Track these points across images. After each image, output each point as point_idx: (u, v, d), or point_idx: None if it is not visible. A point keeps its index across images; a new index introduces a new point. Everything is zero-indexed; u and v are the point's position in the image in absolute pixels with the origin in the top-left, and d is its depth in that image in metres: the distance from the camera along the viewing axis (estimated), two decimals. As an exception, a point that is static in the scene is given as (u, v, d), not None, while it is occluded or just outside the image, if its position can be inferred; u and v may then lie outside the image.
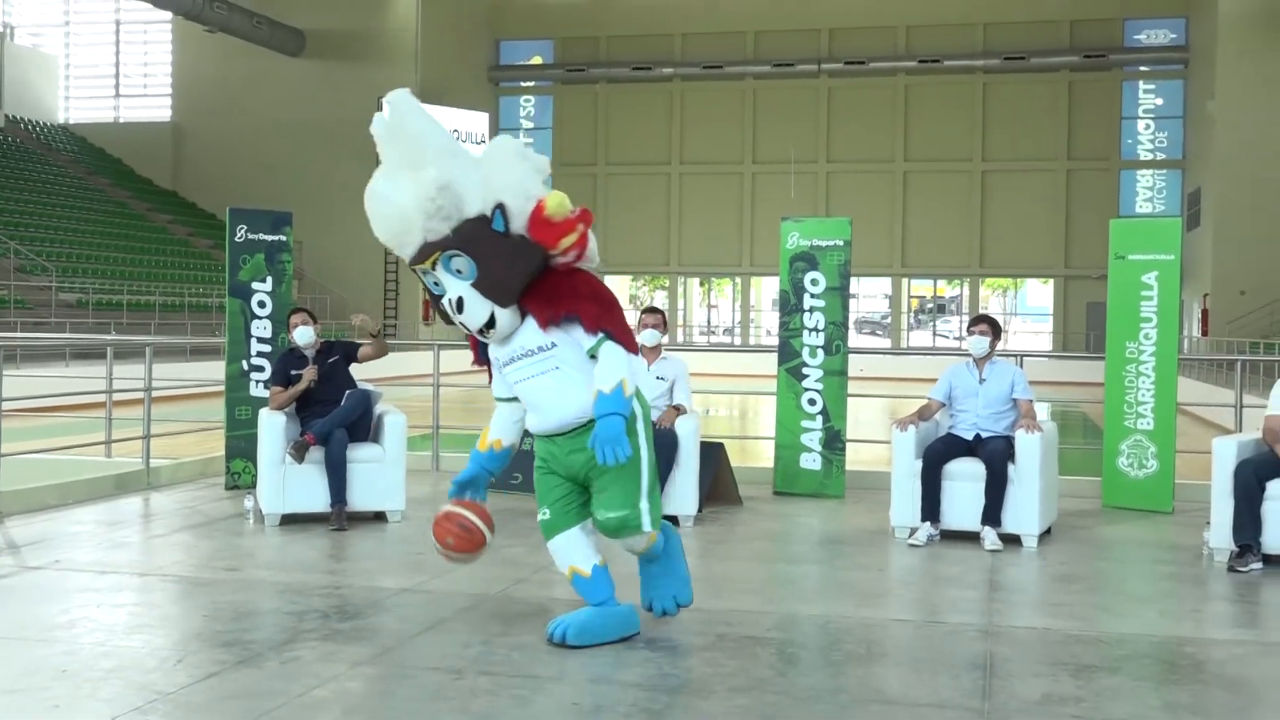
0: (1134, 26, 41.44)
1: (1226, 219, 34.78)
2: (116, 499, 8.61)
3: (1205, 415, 20.81)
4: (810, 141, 43.53)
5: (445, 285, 4.90)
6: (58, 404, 13.08)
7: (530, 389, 5.06)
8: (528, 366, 5.03)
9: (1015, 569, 6.70)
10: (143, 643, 4.97)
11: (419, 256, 4.88)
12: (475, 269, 4.84)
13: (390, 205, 4.87)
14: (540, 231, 4.88)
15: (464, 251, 4.83)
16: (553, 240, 4.90)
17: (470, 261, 4.84)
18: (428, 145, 4.83)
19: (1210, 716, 4.25)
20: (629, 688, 4.44)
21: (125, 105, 47.55)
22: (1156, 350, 8.62)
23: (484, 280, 4.87)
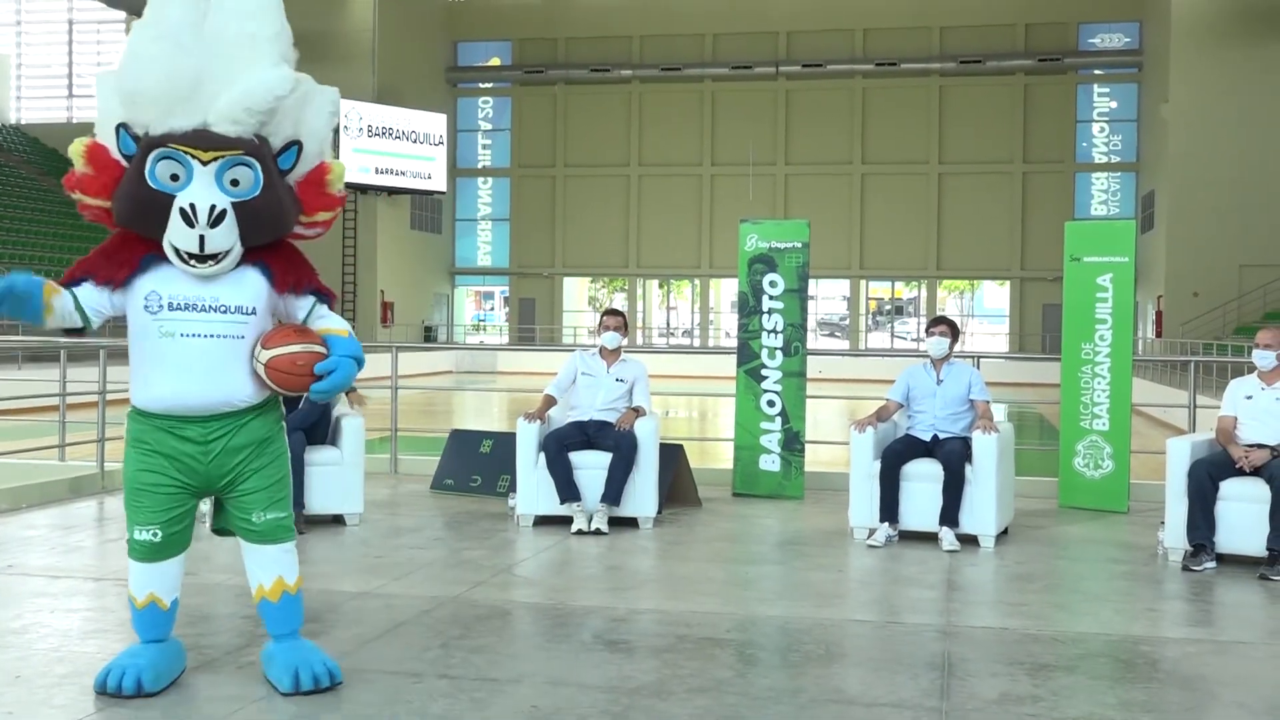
0: (1088, 30, 41.84)
1: (1180, 221, 35.17)
2: (70, 503, 8.52)
3: (1159, 416, 21.04)
4: (768, 143, 43.67)
5: (199, 188, 4.13)
6: (9, 407, 12.91)
7: (194, 348, 4.23)
8: (207, 322, 4.24)
9: (973, 569, 6.74)
10: (98, 648, 4.92)
11: (198, 140, 4.14)
12: (255, 190, 4.20)
13: (200, 63, 4.15)
14: (310, 193, 4.42)
15: (258, 166, 4.22)
16: (314, 207, 4.44)
17: (256, 180, 4.21)
18: (284, 35, 4.34)
19: (1165, 714, 4.29)
20: (588, 690, 4.44)
21: (79, 105, 47.03)
22: (1111, 352, 8.70)
23: (254, 206, 4.20)
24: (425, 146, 41.75)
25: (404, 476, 9.88)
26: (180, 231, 4.14)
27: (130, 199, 4.19)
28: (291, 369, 4.26)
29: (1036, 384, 24.42)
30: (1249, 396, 7.07)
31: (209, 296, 4.24)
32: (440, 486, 9.20)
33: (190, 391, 4.25)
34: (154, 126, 4.17)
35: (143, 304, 4.24)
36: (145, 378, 4.31)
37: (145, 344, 4.27)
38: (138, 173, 4.16)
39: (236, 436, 4.34)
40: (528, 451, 7.83)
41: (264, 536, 4.46)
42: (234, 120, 4.17)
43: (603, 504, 7.58)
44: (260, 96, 4.17)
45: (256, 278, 4.33)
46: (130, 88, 4.17)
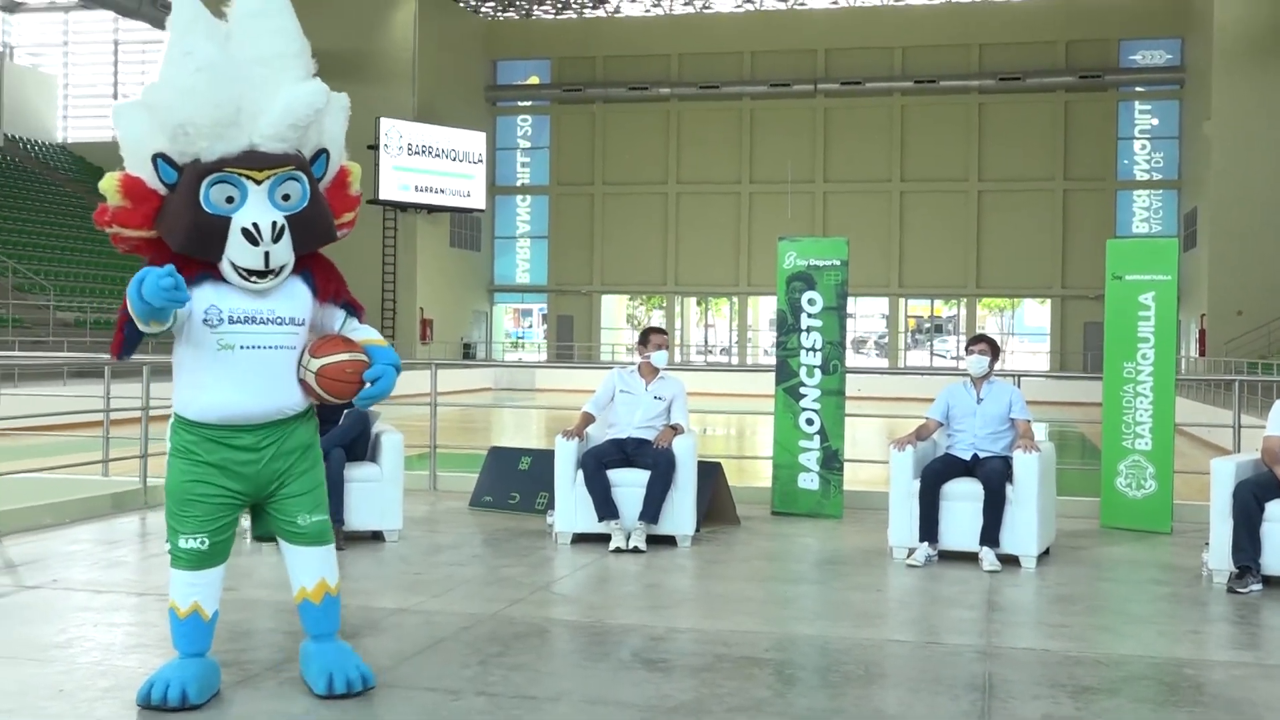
0: (1129, 47, 41.61)
1: (1223, 239, 34.86)
2: (113, 518, 8.59)
3: (1203, 436, 20.82)
4: (807, 161, 43.64)
5: (256, 207, 4.25)
6: (55, 423, 13.05)
7: (255, 360, 4.34)
8: (266, 334, 4.36)
9: (1014, 589, 6.69)
10: (139, 662, 4.95)
11: (250, 162, 4.26)
12: (303, 202, 4.34)
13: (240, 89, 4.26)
14: (336, 196, 4.56)
15: (305, 179, 4.34)
16: (340, 209, 4.58)
17: (305, 192, 4.35)
18: (306, 51, 4.42)
19: (1210, 738, 4.25)
20: (626, 708, 4.43)
21: (124, 124, 47.62)
22: (1154, 370, 8.62)
23: (304, 218, 4.34)
24: (465, 164, 41.98)
25: (443, 493, 9.90)
26: (243, 250, 4.24)
27: (188, 226, 4.26)
28: (341, 376, 4.39)
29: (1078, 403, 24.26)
30: (1295, 416, 6.99)
31: (265, 309, 4.36)
32: (479, 503, 9.22)
33: (248, 402, 4.36)
34: (205, 154, 4.26)
35: (202, 318, 4.32)
36: (199, 389, 4.38)
37: (202, 356, 4.35)
38: (191, 200, 4.24)
39: (286, 442, 4.48)
40: (566, 469, 7.84)
41: (309, 539, 4.57)
42: (280, 138, 4.29)
43: (641, 522, 7.57)
44: (301, 111, 4.30)
45: (303, 289, 4.47)
46: (179, 120, 4.23)
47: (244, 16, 4.34)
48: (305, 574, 4.59)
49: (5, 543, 7.51)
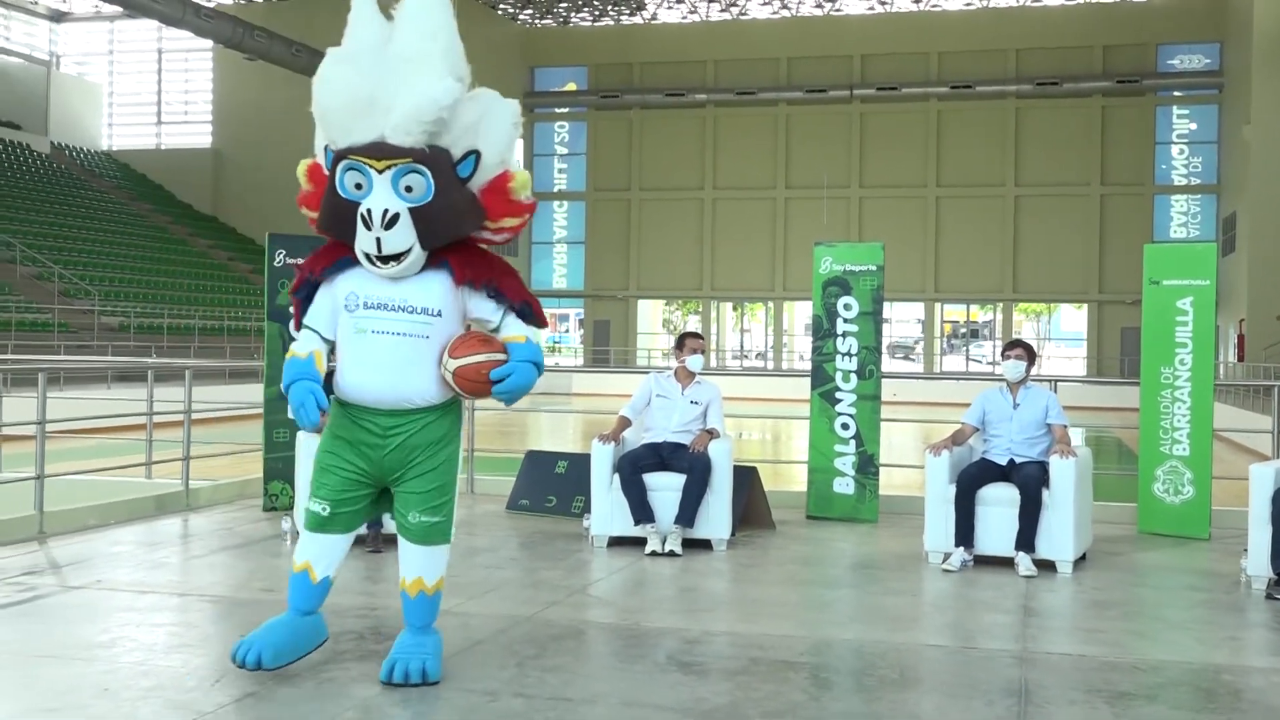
0: (1167, 51, 41.30)
1: (1262, 244, 34.52)
2: (156, 520, 8.67)
3: (1241, 441, 20.62)
4: (843, 167, 43.54)
5: (377, 194, 4.45)
6: (99, 426, 13.18)
7: (382, 345, 4.56)
8: (396, 321, 4.57)
9: (1050, 594, 6.64)
10: (182, 662, 4.99)
11: (373, 151, 4.44)
12: (428, 196, 4.47)
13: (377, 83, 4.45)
14: (494, 200, 4.64)
15: (430, 173, 4.47)
16: (499, 213, 4.66)
17: (429, 186, 4.46)
18: (456, 58, 4.53)
19: (1248, 745, 4.21)
20: (662, 711, 4.43)
21: (167, 132, 48.11)
22: (1192, 376, 8.55)
23: (427, 210, 4.47)
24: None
25: (480, 496, 9.93)
26: (362, 234, 4.49)
27: (326, 206, 4.61)
28: (476, 377, 4.57)
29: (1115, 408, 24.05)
30: (1335, 422, 6.92)
31: (399, 297, 4.57)
32: (516, 507, 9.25)
33: (374, 384, 4.59)
34: (339, 140, 4.54)
35: (343, 303, 4.62)
36: (342, 369, 4.67)
37: (344, 339, 4.65)
38: (331, 183, 4.56)
39: (415, 435, 4.65)
40: (602, 473, 7.85)
41: (414, 536, 4.72)
42: (406, 131, 4.44)
43: (677, 525, 7.57)
44: (426, 108, 4.41)
45: (441, 280, 4.62)
46: (318, 107, 4.57)
47: (404, 16, 4.53)
48: (407, 567, 4.76)
49: (51, 543, 7.60)
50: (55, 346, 26.27)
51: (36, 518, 7.91)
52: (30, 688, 4.63)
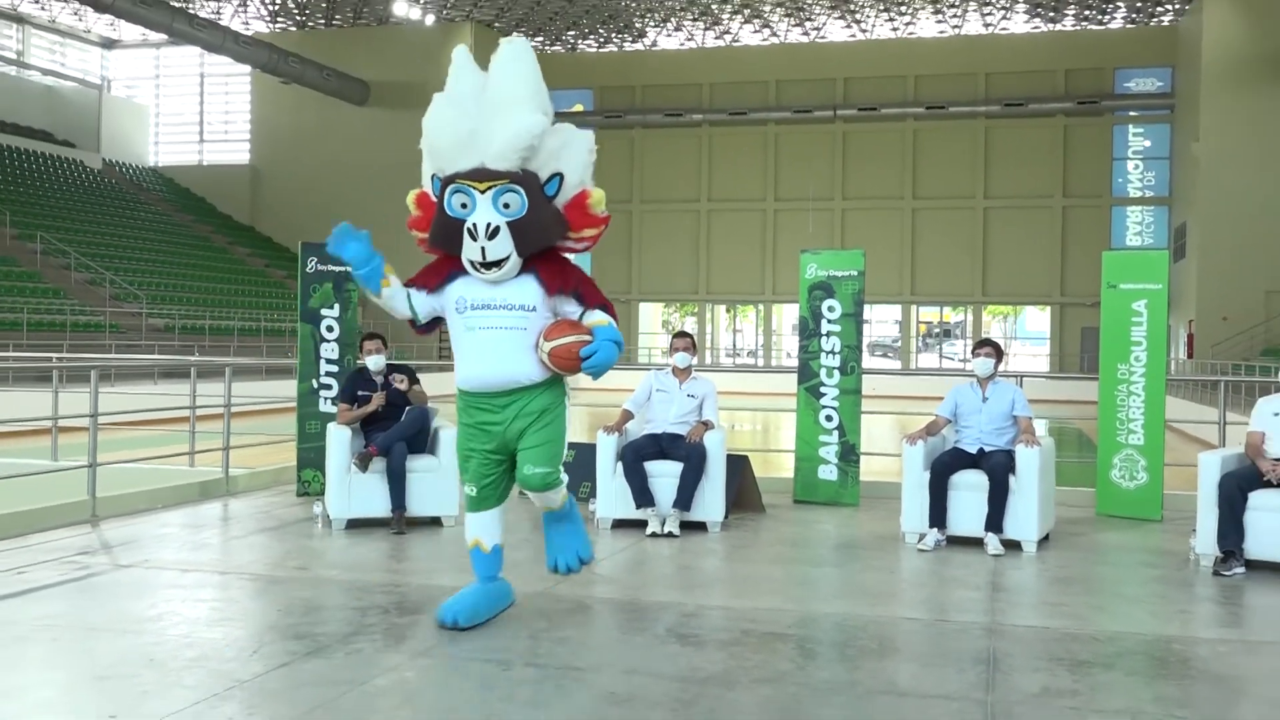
0: (1124, 75, 41.21)
1: (1210, 251, 34.48)
2: (199, 504, 8.67)
3: (1191, 431, 20.60)
4: (827, 181, 43.48)
5: (481, 211, 4.85)
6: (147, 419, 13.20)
7: (489, 338, 4.99)
8: (499, 317, 4.98)
9: (1016, 572, 6.64)
10: (223, 635, 5.00)
11: (476, 175, 4.85)
12: (522, 211, 4.86)
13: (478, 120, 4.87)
14: (575, 214, 5.03)
15: (523, 192, 4.86)
16: (579, 225, 5.05)
17: (523, 203, 4.86)
18: (541, 97, 4.94)
19: (1197, 709, 4.20)
20: (661, 679, 4.43)
21: (208, 149, 48.08)
22: (1146, 371, 8.55)
23: (522, 223, 4.86)
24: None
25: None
26: (469, 246, 4.90)
27: (437, 226, 5.01)
28: (567, 354, 4.94)
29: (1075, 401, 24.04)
30: (1276, 413, 6.91)
31: (500, 298, 4.99)
32: (528, 492, 9.23)
33: (487, 372, 5.02)
34: (447, 168, 4.96)
35: (454, 306, 5.05)
36: (459, 362, 5.10)
37: (457, 337, 5.08)
38: (440, 205, 4.98)
39: (528, 406, 5.06)
40: (607, 461, 7.85)
41: (533, 485, 5.14)
42: (504, 158, 4.84)
43: (675, 509, 7.57)
44: (521, 137, 4.81)
45: (533, 283, 5.01)
46: (429, 142, 5.04)
47: (497, 65, 4.97)
48: (539, 502, 5.29)
49: (103, 526, 7.61)
50: (106, 346, 26.27)
51: (89, 502, 7.92)
52: (84, 658, 4.64)
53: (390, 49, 42.15)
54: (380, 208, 41.21)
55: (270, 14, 43.17)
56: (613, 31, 44.53)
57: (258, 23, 43.56)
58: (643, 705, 4.11)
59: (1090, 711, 4.13)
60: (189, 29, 34.64)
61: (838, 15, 41.67)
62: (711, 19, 42.70)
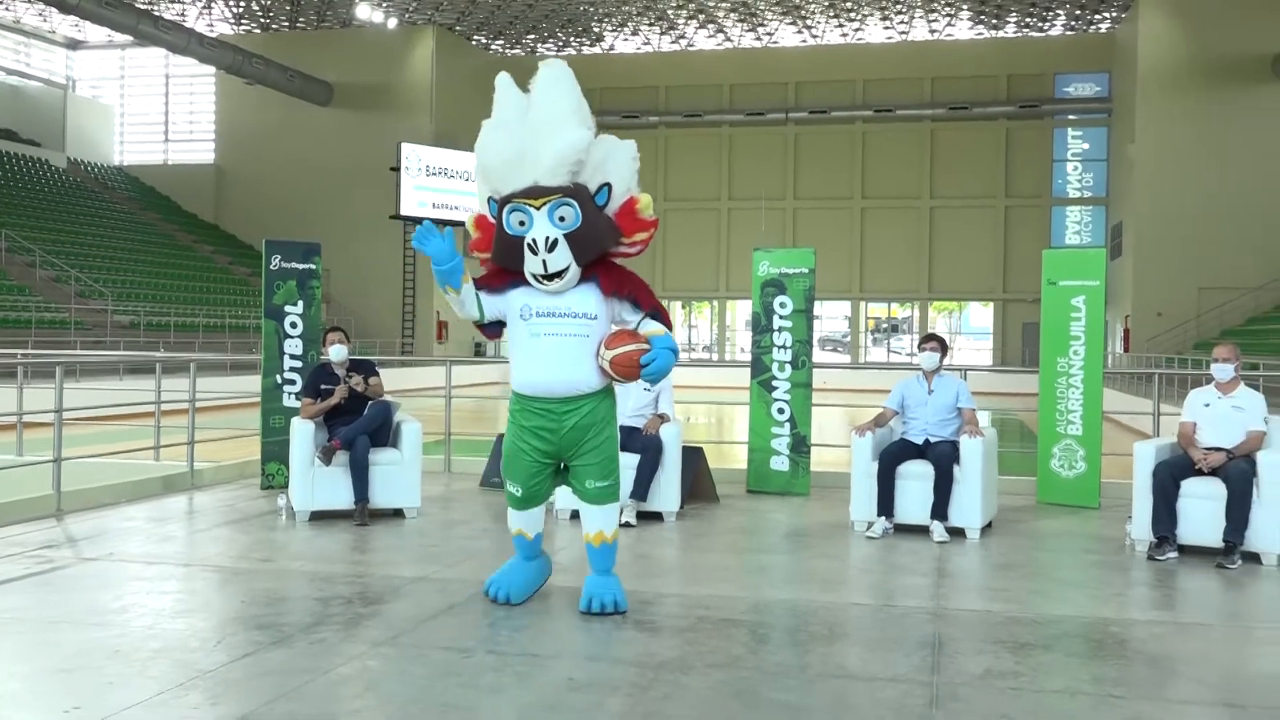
0: (1063, 80, 41.60)
1: (1145, 250, 34.91)
2: (164, 498, 8.57)
3: (1127, 422, 20.85)
4: (779, 181, 43.61)
5: (539, 226, 4.98)
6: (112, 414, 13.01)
7: (553, 345, 5.07)
8: (563, 324, 5.08)
9: (960, 558, 6.69)
10: (186, 626, 4.94)
11: (530, 193, 4.98)
12: (578, 223, 4.98)
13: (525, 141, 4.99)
14: (626, 220, 5.16)
15: (577, 204, 4.97)
16: (631, 231, 5.18)
17: (578, 215, 4.98)
18: (583, 113, 5.06)
19: (1133, 688, 4.25)
20: (619, 664, 4.43)
21: (173, 149, 47.45)
22: (1084, 365, 8.64)
23: (579, 234, 4.99)
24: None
25: (456, 475, 9.89)
26: (530, 260, 5.02)
27: (499, 245, 5.13)
28: (629, 362, 5.04)
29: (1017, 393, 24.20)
30: (1207, 405, 7.02)
31: (563, 306, 5.09)
32: (489, 484, 9.21)
33: (550, 377, 5.09)
34: (502, 189, 5.10)
35: (519, 313, 5.13)
36: (520, 367, 5.17)
37: (521, 343, 5.15)
38: (499, 225, 5.11)
39: (585, 418, 5.15)
40: (565, 453, 7.82)
41: (592, 498, 5.25)
42: (555, 174, 4.99)
43: (632, 499, 7.56)
44: (568, 153, 4.97)
45: (593, 290, 5.14)
46: (482, 166, 5.19)
47: (539, 86, 5.10)
48: (590, 524, 5.29)
49: (68, 520, 7.49)
50: (72, 342, 25.86)
51: (54, 497, 7.80)
52: (47, 650, 4.56)
53: (353, 51, 41.80)
54: (342, 205, 41.04)
55: (235, 16, 42.67)
56: (571, 35, 44.42)
57: (222, 25, 43.02)
58: (601, 690, 4.11)
59: (1031, 692, 4.17)
60: (154, 30, 34.13)
61: (789, 21, 41.78)
62: (667, 24, 42.69)
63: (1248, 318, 33.37)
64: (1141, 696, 4.16)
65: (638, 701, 3.99)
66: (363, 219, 40.32)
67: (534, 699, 4.01)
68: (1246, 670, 4.53)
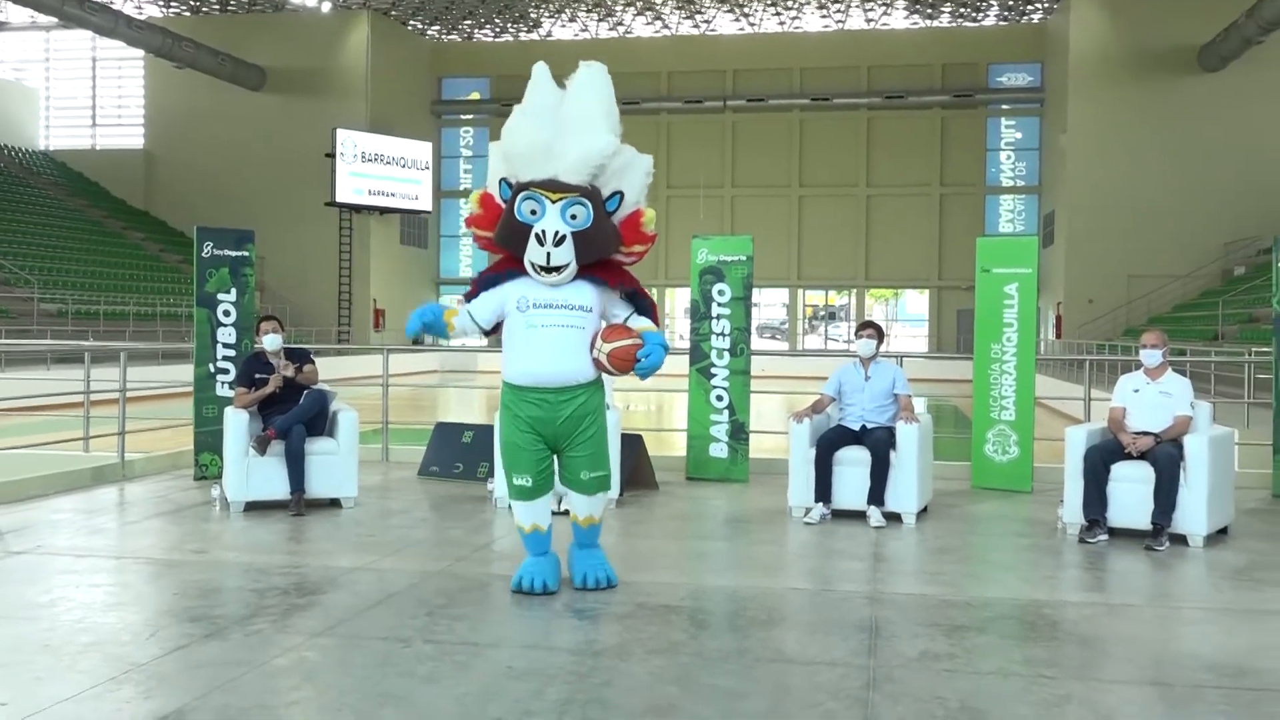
0: (996, 70, 42.11)
1: (1076, 237, 35.49)
2: (94, 490, 8.41)
3: (1059, 407, 21.20)
4: (717, 168, 43.71)
5: (550, 219, 5.08)
6: (40, 404, 12.74)
7: (551, 335, 5.16)
8: (560, 316, 5.17)
9: (897, 543, 6.77)
10: (118, 619, 4.86)
11: (548, 185, 5.10)
12: (587, 223, 5.10)
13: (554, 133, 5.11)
14: (629, 230, 5.29)
15: (590, 206, 5.11)
16: (631, 241, 5.31)
17: (589, 216, 5.10)
18: (614, 118, 5.24)
19: (1064, 669, 4.33)
20: (558, 652, 4.43)
21: (101, 134, 46.48)
22: (1017, 351, 8.76)
23: (586, 235, 5.11)
24: (413, 171, 41.53)
25: (394, 464, 9.82)
26: (534, 249, 5.13)
27: (506, 227, 5.22)
28: (627, 356, 5.15)
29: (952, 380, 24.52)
30: (1136, 390, 7.15)
31: (561, 299, 5.20)
32: (426, 473, 9.15)
33: (546, 367, 5.18)
34: (521, 176, 5.20)
35: (516, 305, 5.21)
36: (515, 358, 5.24)
37: (516, 334, 5.22)
38: (510, 209, 5.19)
39: (577, 408, 5.23)
40: (504, 441, 7.79)
41: (586, 489, 5.36)
42: (575, 173, 5.13)
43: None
44: (594, 156, 5.12)
45: (590, 286, 5.26)
46: (507, 149, 5.25)
47: (575, 85, 5.26)
48: (579, 508, 5.41)
49: (-6, 513, 7.33)
50: (-2, 331, 25.29)
51: (-20, 489, 7.62)
52: (-25, 645, 4.46)
53: (287, 35, 41.18)
54: (276, 191, 40.47)
55: (164, -2, 41.88)
56: (508, 21, 44.14)
57: (151, 7, 42.16)
58: (540, 678, 4.10)
59: (966, 673, 4.23)
60: (80, 12, 33.35)
61: (727, 9, 41.85)
62: (605, 10, 42.56)
63: (1175, 305, 34.08)
64: (1072, 676, 4.24)
65: (577, 689, 4.00)
66: (298, 206, 39.80)
67: (473, 688, 4.00)
68: (1173, 649, 4.64)
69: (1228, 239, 34.27)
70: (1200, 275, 34.46)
